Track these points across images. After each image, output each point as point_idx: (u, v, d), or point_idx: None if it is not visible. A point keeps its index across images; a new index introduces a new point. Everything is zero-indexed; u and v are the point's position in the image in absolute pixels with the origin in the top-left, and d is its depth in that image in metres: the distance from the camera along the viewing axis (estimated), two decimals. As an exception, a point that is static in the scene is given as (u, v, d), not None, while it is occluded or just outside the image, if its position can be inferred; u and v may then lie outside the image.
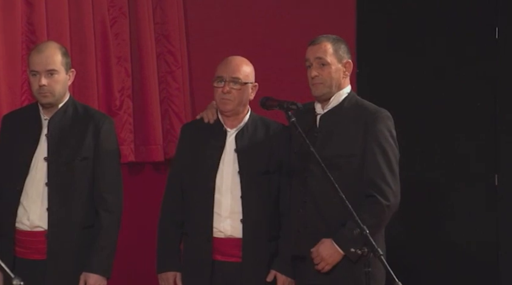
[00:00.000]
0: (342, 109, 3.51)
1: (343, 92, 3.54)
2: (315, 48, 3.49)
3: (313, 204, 3.46)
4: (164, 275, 3.62)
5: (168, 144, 4.87)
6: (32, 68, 3.46)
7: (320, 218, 3.44)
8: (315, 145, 3.35)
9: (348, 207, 3.06)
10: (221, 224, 3.51)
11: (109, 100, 4.71)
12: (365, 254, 3.00)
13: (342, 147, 3.46)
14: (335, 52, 3.48)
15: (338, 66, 3.49)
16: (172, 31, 4.93)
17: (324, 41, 3.50)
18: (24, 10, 4.27)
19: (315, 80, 3.47)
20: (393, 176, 3.44)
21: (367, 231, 3.00)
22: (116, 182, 3.57)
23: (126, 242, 3.82)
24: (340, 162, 3.41)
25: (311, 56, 3.50)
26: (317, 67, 3.48)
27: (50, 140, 3.49)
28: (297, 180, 3.53)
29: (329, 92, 3.50)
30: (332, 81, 3.48)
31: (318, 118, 3.54)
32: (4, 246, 3.39)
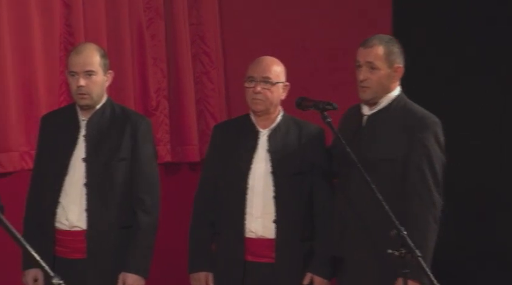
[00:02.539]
0: (389, 111, 3.45)
1: (392, 95, 3.46)
2: (366, 51, 3.41)
3: (353, 205, 3.43)
4: (196, 275, 3.62)
5: (203, 144, 4.89)
6: (71, 69, 3.49)
7: (360, 220, 3.41)
8: (360, 146, 3.33)
9: (385, 208, 3.04)
10: (252, 224, 3.51)
11: (145, 100, 4.74)
12: (402, 256, 2.98)
13: (385, 150, 3.40)
14: (386, 57, 3.40)
15: (388, 70, 3.41)
16: (207, 32, 4.95)
17: (376, 43, 3.41)
18: (62, 12, 4.31)
19: (364, 83, 3.41)
20: (437, 184, 3.38)
21: (404, 232, 2.97)
22: (153, 182, 3.58)
23: (162, 242, 3.83)
24: (381, 165, 3.36)
25: (361, 59, 3.43)
26: (366, 70, 3.40)
27: (88, 141, 3.50)
28: (338, 181, 3.51)
29: (376, 97, 3.43)
30: (381, 86, 3.41)
31: (364, 119, 3.49)
32: (44, 246, 3.39)
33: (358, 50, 3.45)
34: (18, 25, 4.08)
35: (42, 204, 3.48)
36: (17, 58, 4.09)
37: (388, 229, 3.01)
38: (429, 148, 3.38)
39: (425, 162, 3.36)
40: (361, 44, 3.46)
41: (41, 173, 3.57)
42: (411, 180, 3.36)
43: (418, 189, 3.35)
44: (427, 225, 3.34)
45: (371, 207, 3.27)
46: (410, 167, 3.37)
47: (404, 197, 3.35)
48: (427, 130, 3.39)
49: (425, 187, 3.35)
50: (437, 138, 3.41)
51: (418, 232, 3.25)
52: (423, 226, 3.32)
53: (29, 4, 4.12)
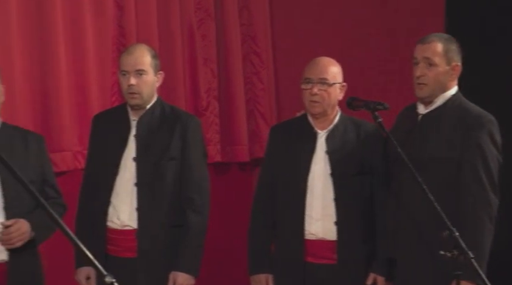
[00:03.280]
0: (444, 110, 3.39)
1: (448, 94, 3.41)
2: (424, 47, 3.36)
3: (406, 206, 3.39)
4: (256, 277, 3.62)
5: (253, 144, 4.90)
6: (122, 68, 3.52)
7: (413, 221, 3.37)
8: (413, 145, 3.29)
9: (436, 209, 3.00)
10: (312, 226, 3.49)
11: (195, 101, 4.76)
12: (454, 257, 2.94)
13: (438, 149, 3.35)
14: (445, 54, 3.35)
15: (446, 68, 3.36)
16: (258, 32, 4.96)
17: (435, 40, 3.37)
18: (115, 14, 4.36)
19: (420, 80, 3.36)
20: (492, 184, 3.31)
21: (457, 233, 2.93)
22: (203, 182, 3.59)
23: (212, 242, 3.85)
24: (434, 164, 3.32)
25: (418, 55, 3.37)
26: (423, 67, 3.36)
27: (138, 141, 3.52)
28: (392, 181, 3.48)
29: (432, 95, 3.39)
30: (438, 83, 3.36)
31: (419, 118, 3.45)
32: (96, 244, 3.42)
33: (416, 47, 3.40)
34: (72, 26, 4.14)
35: (94, 204, 3.52)
36: (70, 59, 4.14)
37: (441, 230, 2.97)
38: (484, 147, 3.31)
39: (479, 162, 3.30)
40: (419, 41, 3.42)
41: (92, 173, 3.61)
42: (465, 180, 3.31)
43: (473, 188, 3.29)
44: (483, 225, 3.28)
45: (423, 207, 3.22)
46: (465, 166, 3.31)
47: (457, 197, 3.30)
48: (482, 128, 3.33)
49: (480, 187, 3.29)
50: (492, 137, 3.34)
51: (473, 232, 3.20)
52: (478, 227, 3.27)
53: (83, 5, 4.17)
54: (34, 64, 4.01)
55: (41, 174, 3.33)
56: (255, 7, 4.95)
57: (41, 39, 4.01)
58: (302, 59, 3.65)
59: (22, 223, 3.16)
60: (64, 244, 3.06)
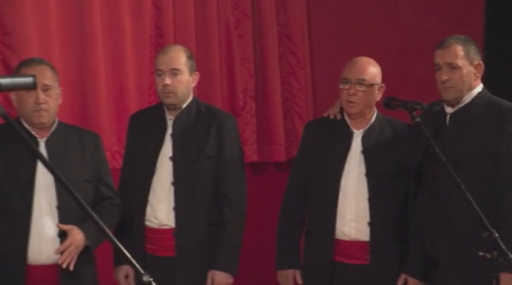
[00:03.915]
0: (472, 107, 3.38)
1: (475, 92, 3.40)
2: (444, 52, 3.36)
3: (442, 206, 3.36)
4: (284, 272, 3.63)
5: (290, 144, 4.89)
6: (157, 67, 3.53)
7: (450, 221, 3.35)
8: (443, 145, 3.26)
9: (475, 209, 2.97)
10: (345, 227, 3.47)
11: (232, 101, 4.77)
12: (494, 258, 2.90)
13: (472, 146, 3.33)
14: (466, 55, 3.35)
15: (469, 68, 3.36)
16: (295, 32, 4.95)
17: (454, 43, 3.36)
18: (153, 14, 4.38)
19: (446, 84, 3.35)
20: None
21: (496, 234, 2.89)
22: (240, 181, 3.59)
23: (250, 241, 3.85)
24: (469, 162, 3.29)
25: (440, 60, 3.37)
26: (447, 71, 3.35)
27: (175, 140, 3.53)
28: (426, 182, 3.45)
29: (460, 96, 3.38)
30: (464, 84, 3.36)
31: (447, 117, 3.43)
32: (135, 243, 3.46)
33: (435, 53, 3.40)
34: (110, 27, 4.17)
35: (132, 203, 3.53)
36: (109, 60, 4.17)
37: (480, 231, 2.94)
38: None
39: None
40: (437, 46, 3.41)
41: (129, 172, 3.63)
42: (503, 175, 3.27)
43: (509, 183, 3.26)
44: None
45: (461, 207, 3.20)
46: (501, 160, 3.28)
47: (495, 196, 3.27)
48: None
49: None
50: None
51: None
52: None
53: (121, 6, 4.20)
54: (73, 65, 4.05)
55: (97, 173, 3.36)
56: (291, 6, 4.94)
57: (80, 40, 4.05)
58: (339, 58, 3.64)
59: (75, 235, 3.17)
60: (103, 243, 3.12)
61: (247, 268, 4.04)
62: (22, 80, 2.06)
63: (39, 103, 3.17)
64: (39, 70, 3.19)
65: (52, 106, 3.22)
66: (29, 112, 3.20)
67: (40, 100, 3.17)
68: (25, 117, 3.24)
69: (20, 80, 2.05)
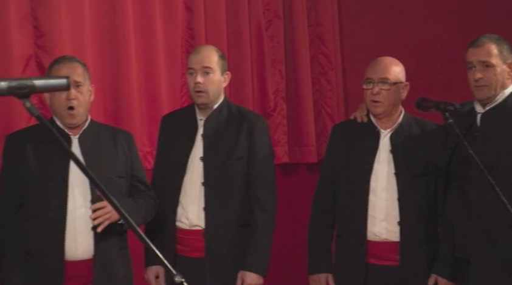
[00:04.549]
0: (505, 106, 3.35)
1: (508, 91, 3.37)
2: (478, 50, 3.34)
3: (474, 206, 3.33)
4: (316, 277, 3.62)
5: (321, 145, 4.89)
6: (189, 66, 3.54)
7: (482, 221, 3.32)
8: (474, 145, 3.23)
9: (508, 210, 2.94)
10: (375, 227, 3.46)
11: (263, 102, 4.78)
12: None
13: (505, 145, 3.29)
14: (500, 53, 3.33)
15: (503, 67, 3.34)
16: (326, 33, 4.95)
17: (487, 42, 3.34)
18: (185, 15, 4.40)
19: (480, 82, 3.33)
20: None
21: None
22: (270, 182, 3.59)
23: (280, 242, 3.85)
24: (501, 162, 3.26)
25: (473, 59, 3.35)
26: (480, 69, 3.33)
27: (206, 141, 3.54)
28: (457, 182, 3.42)
29: (493, 95, 3.35)
30: (497, 83, 3.33)
31: (478, 117, 3.40)
32: (166, 244, 3.48)
33: (468, 51, 3.38)
34: (142, 28, 4.19)
35: (163, 203, 3.54)
36: (141, 60, 4.20)
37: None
38: None
39: None
40: (469, 44, 3.39)
41: (161, 173, 3.64)
42: None
43: None
44: None
45: (494, 208, 3.17)
46: None
47: None
48: None
49: None
50: None
51: None
52: None
53: (153, 8, 4.23)
54: (105, 66, 4.08)
55: (130, 169, 3.38)
56: (323, 7, 4.94)
57: (112, 41, 4.08)
58: (370, 59, 3.62)
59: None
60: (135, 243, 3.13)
61: (277, 270, 4.05)
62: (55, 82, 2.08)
63: (71, 99, 3.20)
64: (70, 67, 3.24)
65: (83, 102, 3.25)
66: (61, 110, 3.23)
67: (71, 95, 3.20)
68: (57, 115, 3.27)
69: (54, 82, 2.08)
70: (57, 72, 3.19)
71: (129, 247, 3.39)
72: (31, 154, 3.22)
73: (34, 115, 1.97)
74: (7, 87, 1.96)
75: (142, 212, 3.33)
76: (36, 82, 2.00)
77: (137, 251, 3.42)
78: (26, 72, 3.74)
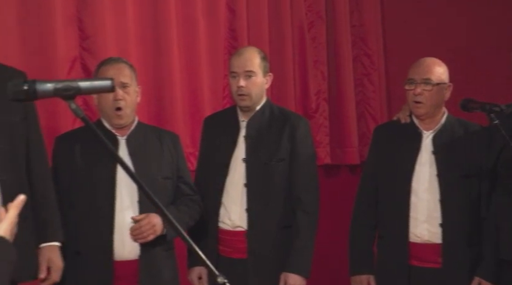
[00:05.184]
0: None
1: None
2: None
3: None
4: (358, 278, 3.61)
5: (363, 146, 4.87)
6: (232, 69, 3.55)
7: None
8: None
9: None
10: (417, 229, 3.44)
11: (305, 103, 4.77)
12: None
13: None
14: None
15: None
16: (369, 33, 4.93)
17: None
18: (227, 17, 4.41)
19: None
20: None
21: None
22: (312, 183, 3.58)
23: (321, 243, 3.84)
24: None
25: None
26: None
27: (248, 142, 3.54)
28: (502, 184, 3.38)
29: None
30: None
31: None
32: (209, 245, 3.48)
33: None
34: (185, 30, 4.21)
35: (206, 204, 3.55)
36: (183, 62, 4.21)
37: None
38: None
39: None
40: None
41: (203, 174, 3.66)
42: None
43: None
44: None
45: None
46: None
47: None
48: None
49: None
50: None
51: None
52: None
53: (196, 9, 4.24)
54: (149, 68, 4.10)
55: (176, 171, 3.40)
56: (366, 8, 4.92)
57: (155, 43, 4.10)
58: (413, 60, 3.60)
59: (152, 217, 3.21)
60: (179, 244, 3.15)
61: (319, 271, 4.03)
62: (100, 83, 2.09)
63: (118, 100, 3.23)
64: (117, 68, 3.27)
65: (130, 103, 3.28)
66: (109, 110, 3.26)
67: (118, 96, 3.23)
68: (105, 116, 3.31)
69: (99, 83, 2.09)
70: (104, 74, 3.23)
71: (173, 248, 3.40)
72: (80, 155, 3.26)
73: (80, 116, 1.98)
74: (53, 89, 1.98)
75: (185, 219, 3.34)
76: (81, 84, 2.02)
77: (180, 252, 3.43)
78: (71, 74, 3.78)
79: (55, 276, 3.15)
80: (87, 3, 3.83)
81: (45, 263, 3.13)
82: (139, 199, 3.22)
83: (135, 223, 3.21)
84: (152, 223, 3.20)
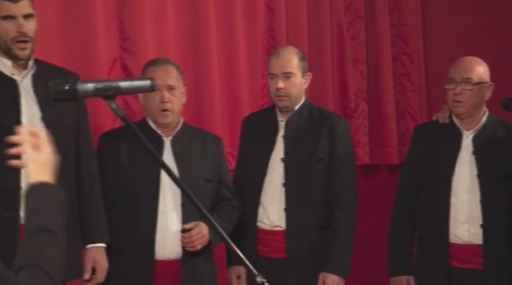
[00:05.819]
0: None
1: None
2: None
3: None
4: (397, 279, 3.58)
5: (403, 146, 4.83)
6: (270, 71, 3.55)
7: None
8: None
9: None
10: (457, 230, 3.41)
11: (344, 102, 4.76)
12: None
13: None
14: None
15: None
16: (409, 32, 4.90)
17: None
18: (266, 16, 4.42)
19: None
20: None
21: None
22: (351, 183, 3.57)
23: (360, 244, 3.82)
24: None
25: None
26: None
27: (287, 142, 3.54)
28: None
29: None
30: None
31: None
32: (247, 244, 3.49)
33: None
34: (224, 30, 4.22)
35: (245, 204, 3.55)
36: (222, 62, 4.22)
37: None
38: None
39: None
40: None
41: (242, 174, 3.66)
42: None
43: None
44: None
45: None
46: None
47: None
48: None
49: None
50: None
51: None
52: None
53: (235, 9, 4.25)
54: (188, 68, 4.12)
55: (218, 174, 3.41)
56: (406, 7, 4.89)
57: (195, 43, 4.11)
58: (454, 59, 3.56)
59: (202, 227, 3.23)
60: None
61: (358, 272, 4.02)
62: (140, 83, 2.11)
63: (164, 102, 3.25)
64: (164, 70, 3.29)
65: (176, 105, 3.30)
66: (155, 111, 3.28)
67: (165, 98, 3.25)
68: (150, 116, 3.33)
69: (139, 83, 2.11)
70: (151, 75, 3.24)
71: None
72: (124, 153, 3.28)
73: (120, 116, 2.00)
74: (94, 89, 2.00)
75: (227, 227, 3.34)
76: (121, 84, 2.03)
77: (218, 251, 3.44)
78: (111, 74, 3.81)
79: (100, 276, 3.18)
80: (127, 4, 3.86)
81: (90, 263, 3.17)
82: (182, 202, 3.24)
83: (187, 232, 3.22)
84: (202, 233, 3.23)
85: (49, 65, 3.18)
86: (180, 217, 3.24)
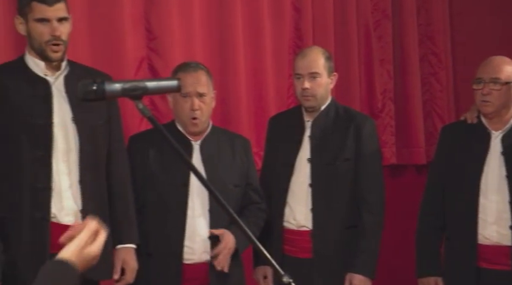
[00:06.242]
0: None
1: None
2: None
3: None
4: (425, 280, 3.57)
5: (430, 146, 4.80)
6: (296, 71, 3.55)
7: None
8: None
9: None
10: (486, 230, 3.38)
11: (371, 102, 4.74)
12: None
13: None
14: None
15: None
16: (436, 32, 4.87)
17: None
18: (293, 16, 4.41)
19: None
20: None
21: None
22: (378, 183, 3.56)
23: (387, 244, 3.81)
24: None
25: None
26: None
27: (313, 142, 3.54)
28: None
29: None
30: None
31: None
32: (274, 244, 3.49)
33: None
34: (251, 29, 4.22)
35: (271, 204, 3.55)
36: (249, 61, 4.23)
37: None
38: None
39: None
40: None
41: (268, 174, 3.66)
42: None
43: None
44: None
45: None
46: None
47: None
48: None
49: None
50: None
51: None
52: None
53: (262, 9, 4.25)
54: (215, 68, 4.11)
55: (246, 177, 3.42)
56: (434, 6, 4.86)
57: (221, 43, 4.12)
58: (482, 59, 3.54)
59: (228, 240, 3.24)
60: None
61: (385, 273, 4.00)
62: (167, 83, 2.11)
63: (194, 110, 3.25)
64: (194, 77, 3.29)
65: (206, 112, 3.30)
66: (185, 119, 3.28)
67: (195, 106, 3.25)
68: (180, 122, 3.33)
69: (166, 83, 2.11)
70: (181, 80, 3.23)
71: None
72: (154, 156, 3.28)
73: (146, 116, 2.01)
74: (121, 89, 2.01)
75: (255, 231, 3.34)
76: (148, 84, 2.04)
77: (245, 251, 3.44)
78: (138, 75, 3.83)
79: (129, 277, 3.20)
80: (154, 4, 3.88)
81: (120, 264, 3.18)
82: (210, 208, 3.25)
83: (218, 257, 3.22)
84: (229, 247, 3.24)
85: (82, 66, 3.20)
86: (208, 222, 3.25)
